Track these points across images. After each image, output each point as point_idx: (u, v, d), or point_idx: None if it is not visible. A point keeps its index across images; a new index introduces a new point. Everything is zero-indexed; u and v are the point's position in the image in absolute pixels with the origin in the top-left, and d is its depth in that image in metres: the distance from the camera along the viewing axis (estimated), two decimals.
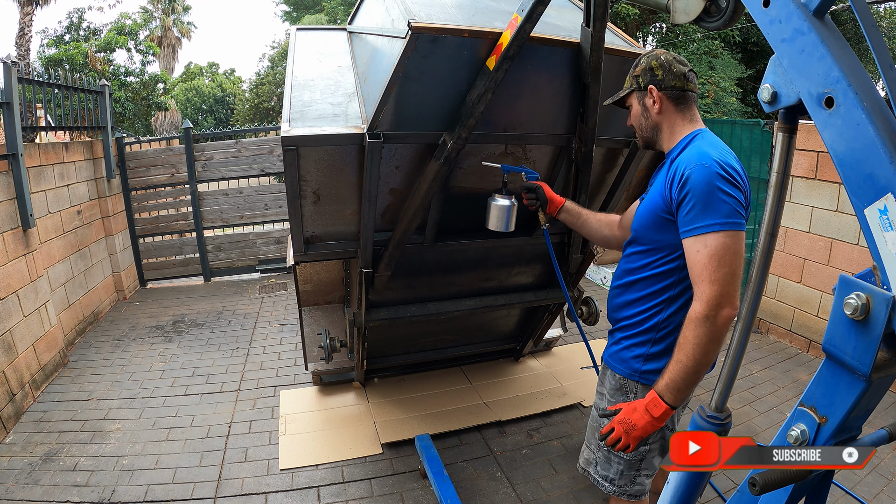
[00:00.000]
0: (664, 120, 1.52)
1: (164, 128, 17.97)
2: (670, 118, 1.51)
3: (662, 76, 1.48)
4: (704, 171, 1.32)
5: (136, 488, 2.56)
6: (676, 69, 1.48)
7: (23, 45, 13.51)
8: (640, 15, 10.80)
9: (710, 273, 1.29)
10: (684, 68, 1.49)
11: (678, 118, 1.51)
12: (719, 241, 1.30)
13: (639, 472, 1.60)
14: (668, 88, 1.49)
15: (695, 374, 1.32)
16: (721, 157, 1.35)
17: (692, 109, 1.51)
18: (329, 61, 2.51)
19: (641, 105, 1.55)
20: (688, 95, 1.50)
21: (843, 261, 3.59)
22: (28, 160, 3.82)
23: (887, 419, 2.95)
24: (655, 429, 1.38)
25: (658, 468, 1.64)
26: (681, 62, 1.50)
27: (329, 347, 2.89)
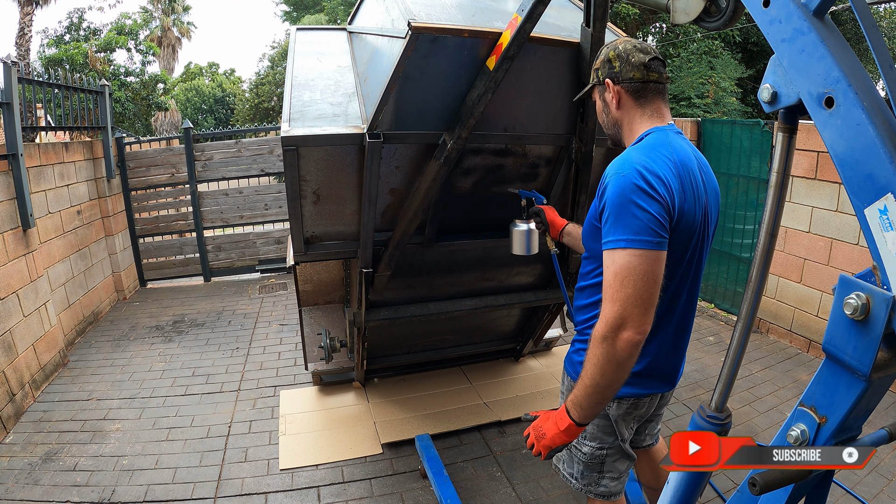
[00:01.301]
0: (624, 116, 1.40)
1: (164, 128, 17.98)
2: (629, 113, 1.39)
3: (620, 67, 1.35)
4: (621, 180, 1.21)
5: (136, 488, 2.56)
6: (635, 59, 1.34)
7: (23, 45, 13.51)
8: (640, 15, 10.81)
9: (613, 292, 1.18)
10: (645, 56, 1.34)
11: (637, 113, 1.38)
12: (624, 259, 1.18)
13: (601, 473, 1.58)
14: (625, 81, 1.35)
15: (595, 394, 1.22)
16: (647, 165, 1.22)
17: (654, 103, 1.37)
18: (329, 61, 2.51)
19: (602, 100, 1.44)
20: (649, 87, 1.35)
21: (843, 261, 3.59)
22: (28, 160, 3.82)
23: (887, 419, 2.95)
24: (563, 441, 1.30)
25: (623, 472, 1.60)
26: (642, 50, 1.35)
27: (329, 347, 2.89)
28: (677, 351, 1.49)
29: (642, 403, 1.52)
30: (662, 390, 1.52)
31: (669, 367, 1.50)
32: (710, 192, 1.38)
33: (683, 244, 1.31)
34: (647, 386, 1.48)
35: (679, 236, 1.28)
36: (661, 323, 1.38)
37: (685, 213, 1.26)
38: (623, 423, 1.54)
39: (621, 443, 1.56)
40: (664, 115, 1.38)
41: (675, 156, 1.28)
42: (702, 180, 1.34)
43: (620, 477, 1.61)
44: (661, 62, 1.37)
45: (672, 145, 1.30)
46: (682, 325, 1.45)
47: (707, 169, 1.40)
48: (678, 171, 1.26)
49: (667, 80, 1.39)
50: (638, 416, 1.56)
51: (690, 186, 1.28)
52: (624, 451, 1.58)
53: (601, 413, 1.49)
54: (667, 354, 1.46)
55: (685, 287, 1.40)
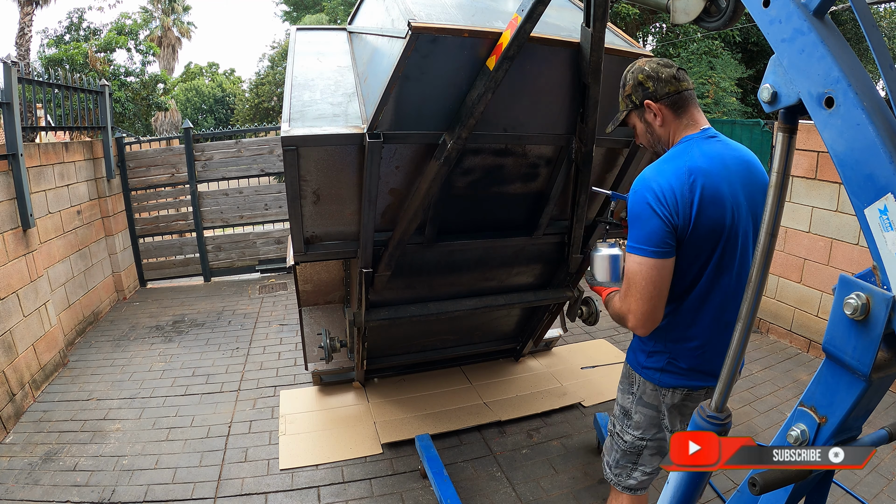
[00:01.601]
0: (667, 131, 1.49)
1: (164, 128, 17.98)
2: (670, 127, 1.48)
3: (654, 87, 1.44)
4: (633, 196, 1.40)
5: (136, 488, 2.56)
6: (665, 74, 1.44)
7: (23, 45, 13.51)
8: (640, 15, 10.81)
9: (625, 288, 1.42)
10: (672, 70, 1.45)
11: (675, 125, 1.47)
12: (630, 262, 1.39)
13: (635, 465, 1.64)
14: (664, 97, 1.44)
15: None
16: (654, 181, 1.36)
17: (689, 111, 1.46)
18: (329, 61, 2.51)
19: (643, 122, 1.51)
20: (684, 96, 1.45)
21: (843, 261, 3.58)
22: (28, 160, 3.82)
23: (887, 419, 2.95)
24: None
25: (655, 469, 1.65)
26: (666, 65, 1.46)
27: (329, 347, 2.89)
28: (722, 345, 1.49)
29: (697, 397, 1.55)
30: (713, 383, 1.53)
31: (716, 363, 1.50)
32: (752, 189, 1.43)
33: (704, 245, 1.39)
34: (698, 379, 1.52)
35: (697, 239, 1.37)
36: (698, 319, 1.47)
37: (700, 217, 1.35)
38: (674, 417, 1.57)
39: (667, 433, 1.59)
40: (698, 121, 1.46)
41: (693, 165, 1.36)
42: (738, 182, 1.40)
43: (651, 473, 1.66)
44: (684, 72, 1.48)
45: (692, 155, 1.38)
46: (726, 318, 1.46)
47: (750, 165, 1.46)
48: (692, 180, 1.35)
49: (693, 86, 1.49)
50: (691, 411, 1.57)
51: (711, 193, 1.35)
52: (662, 447, 1.63)
53: (651, 404, 1.58)
54: (713, 348, 1.49)
55: (721, 283, 1.44)
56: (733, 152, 1.45)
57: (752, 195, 1.44)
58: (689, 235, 1.36)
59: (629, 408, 1.64)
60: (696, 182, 1.34)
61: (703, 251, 1.39)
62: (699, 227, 1.35)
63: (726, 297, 1.46)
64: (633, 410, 1.62)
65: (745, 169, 1.44)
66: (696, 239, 1.37)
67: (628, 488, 1.66)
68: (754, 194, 1.44)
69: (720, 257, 1.41)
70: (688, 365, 1.51)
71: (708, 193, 1.35)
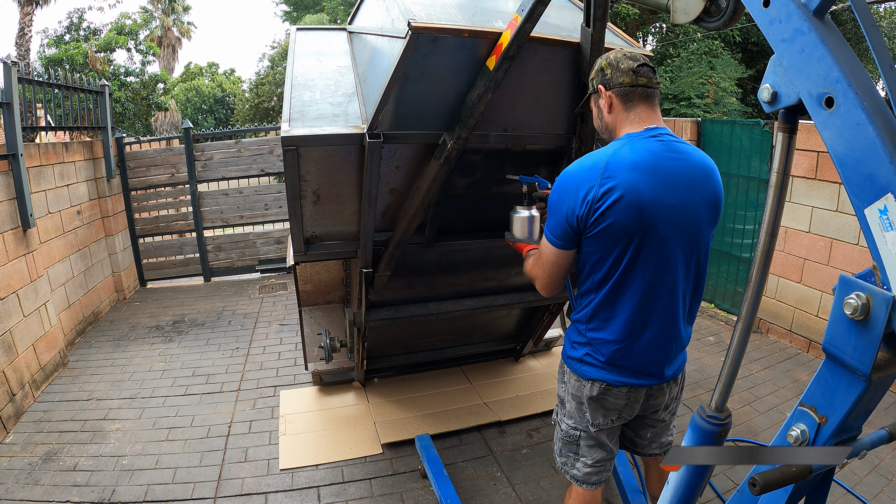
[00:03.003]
0: (613, 120, 1.49)
1: (164, 128, 17.98)
2: (618, 118, 1.48)
3: (610, 75, 1.45)
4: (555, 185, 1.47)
5: (136, 488, 2.56)
6: (624, 65, 1.43)
7: (23, 45, 13.51)
8: (640, 15, 10.81)
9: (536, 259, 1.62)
10: (633, 63, 1.43)
11: (622, 118, 1.47)
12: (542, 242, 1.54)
13: (576, 455, 1.66)
14: (615, 86, 1.44)
15: None
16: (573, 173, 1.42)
17: (638, 108, 1.44)
18: (329, 61, 2.51)
19: (597, 107, 1.53)
20: (637, 91, 1.43)
21: (843, 261, 3.58)
22: (28, 160, 3.82)
23: (887, 419, 2.95)
24: None
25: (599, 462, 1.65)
26: (631, 58, 1.44)
27: (329, 347, 2.89)
28: (650, 346, 1.49)
29: (618, 393, 1.53)
30: (637, 382, 1.52)
31: (643, 361, 1.50)
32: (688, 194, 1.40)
33: (615, 242, 1.39)
34: (618, 374, 1.51)
35: (607, 236, 1.38)
36: (616, 313, 1.47)
37: (609, 214, 1.36)
38: (596, 410, 1.57)
39: (591, 428, 1.60)
40: (645, 119, 1.45)
41: (614, 160, 1.36)
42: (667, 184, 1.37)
43: (596, 466, 1.65)
44: (650, 69, 1.45)
45: (617, 154, 1.38)
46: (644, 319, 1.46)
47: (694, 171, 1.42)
48: (607, 175, 1.35)
49: (655, 86, 1.46)
50: (616, 407, 1.56)
51: (627, 189, 1.34)
52: (598, 439, 1.63)
53: (575, 395, 1.60)
54: (635, 346, 1.48)
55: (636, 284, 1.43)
56: (676, 155, 1.40)
57: (690, 203, 1.40)
58: (596, 231, 1.38)
59: (563, 396, 1.67)
60: (611, 180, 1.34)
61: (614, 248, 1.39)
62: (608, 225, 1.36)
63: (643, 298, 1.44)
64: (566, 399, 1.65)
65: (687, 175, 1.40)
66: (606, 235, 1.38)
67: (575, 479, 1.67)
68: (693, 202, 1.41)
69: (633, 257, 1.40)
70: (605, 359, 1.51)
71: (622, 192, 1.33)
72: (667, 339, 1.50)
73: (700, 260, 1.49)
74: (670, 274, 1.43)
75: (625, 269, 1.42)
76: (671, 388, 1.61)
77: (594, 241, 1.41)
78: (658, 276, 1.43)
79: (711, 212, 1.46)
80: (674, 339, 1.52)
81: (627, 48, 1.50)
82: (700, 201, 1.43)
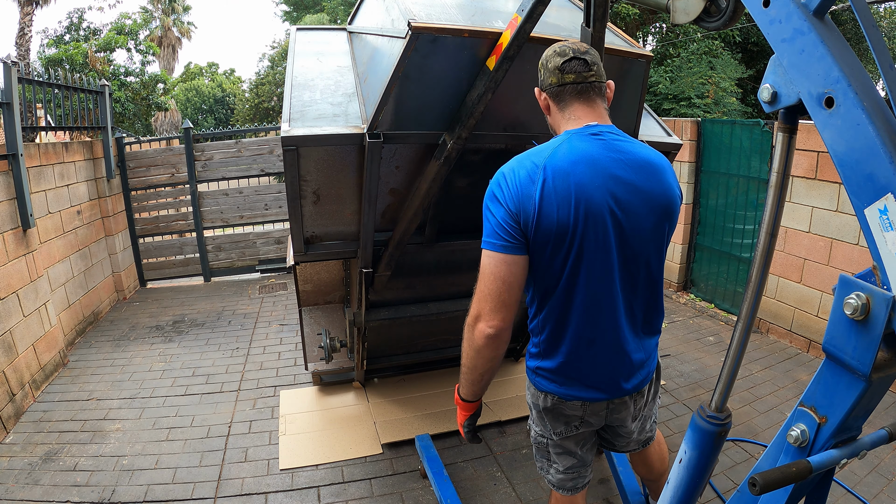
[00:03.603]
0: (554, 122, 1.41)
1: (164, 128, 17.97)
2: (556, 119, 1.39)
3: (543, 75, 1.38)
4: (488, 187, 1.32)
5: (136, 488, 2.56)
6: (551, 64, 1.34)
7: (23, 45, 13.51)
8: (640, 15, 10.81)
9: (477, 287, 1.32)
10: (560, 59, 1.32)
11: (559, 118, 1.38)
12: (482, 258, 1.30)
13: (549, 461, 1.60)
14: (546, 87, 1.37)
15: (467, 374, 1.41)
16: (508, 170, 1.29)
17: (572, 105, 1.34)
18: (329, 61, 2.51)
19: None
20: (566, 90, 1.33)
21: (843, 261, 3.58)
22: (28, 160, 3.82)
23: (887, 419, 2.95)
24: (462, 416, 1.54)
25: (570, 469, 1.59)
26: (560, 53, 1.33)
27: (329, 347, 2.89)
28: (598, 360, 1.40)
29: (572, 406, 1.45)
30: (591, 396, 1.44)
31: (594, 374, 1.42)
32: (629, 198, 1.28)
33: (553, 246, 1.27)
34: (569, 387, 1.43)
35: (542, 238, 1.26)
36: (563, 325, 1.37)
37: (545, 218, 1.24)
38: (555, 420, 1.51)
39: (554, 436, 1.54)
40: (582, 116, 1.34)
41: (551, 162, 1.25)
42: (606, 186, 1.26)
43: (569, 473, 1.59)
44: (580, 62, 1.32)
45: (555, 151, 1.27)
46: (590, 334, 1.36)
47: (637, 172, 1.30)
48: (544, 177, 1.24)
49: (588, 80, 1.33)
50: (574, 419, 1.49)
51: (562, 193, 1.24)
52: (564, 447, 1.56)
53: (535, 405, 1.53)
54: (584, 360, 1.39)
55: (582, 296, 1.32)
56: (617, 154, 1.28)
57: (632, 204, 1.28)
58: (532, 236, 1.26)
59: (529, 403, 1.58)
60: (547, 178, 1.24)
61: (551, 256, 1.28)
62: (541, 229, 1.24)
63: (586, 311, 1.33)
64: (531, 407, 1.57)
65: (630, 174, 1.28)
66: (540, 241, 1.26)
67: (552, 484, 1.63)
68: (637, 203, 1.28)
69: (574, 267, 1.29)
70: (555, 371, 1.43)
71: (553, 194, 1.23)
72: (616, 353, 1.40)
73: (651, 268, 1.36)
74: (613, 285, 1.32)
75: (567, 280, 1.31)
76: (636, 400, 1.51)
77: (535, 247, 1.28)
78: (600, 286, 1.32)
79: (660, 215, 1.32)
80: (626, 354, 1.40)
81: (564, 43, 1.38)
82: (645, 204, 1.30)
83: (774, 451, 1.04)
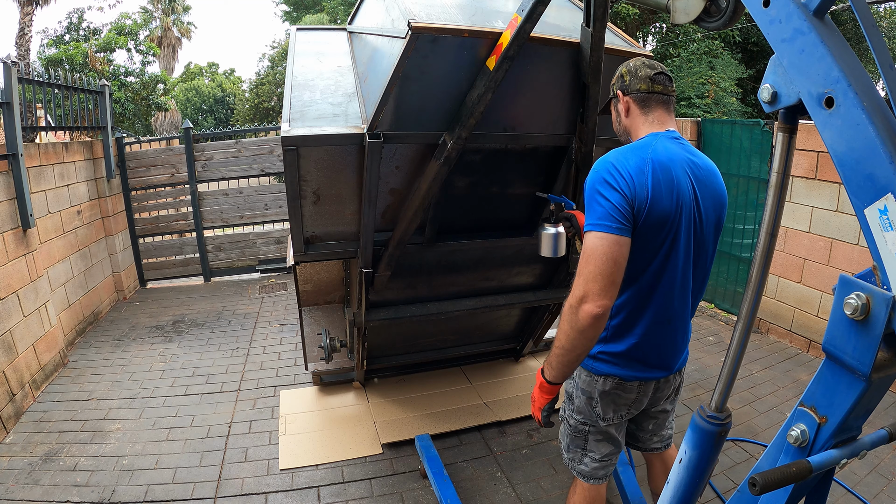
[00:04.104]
0: (631, 123, 1.57)
1: (164, 128, 17.97)
2: (635, 121, 1.55)
3: (629, 81, 1.54)
4: (592, 174, 1.41)
5: (136, 488, 2.56)
6: (642, 73, 1.53)
7: (23, 45, 13.51)
8: (640, 15, 10.81)
9: (581, 268, 1.36)
10: (650, 71, 1.52)
11: (641, 121, 1.54)
12: (589, 240, 1.36)
13: (584, 450, 1.70)
14: (633, 92, 1.53)
15: (562, 356, 1.42)
16: (616, 160, 1.39)
17: (656, 112, 1.53)
18: (329, 61, 2.51)
19: (616, 110, 1.61)
20: (653, 98, 1.52)
21: (843, 261, 3.58)
22: (28, 160, 3.82)
23: (887, 419, 2.95)
24: (543, 399, 1.52)
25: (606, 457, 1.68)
26: (650, 66, 1.53)
27: (329, 347, 2.89)
28: (666, 340, 1.55)
29: (629, 387, 1.58)
30: (649, 375, 1.57)
31: (657, 354, 1.56)
32: (703, 194, 1.47)
33: (654, 235, 1.41)
34: (633, 368, 1.55)
35: (648, 227, 1.39)
36: (643, 307, 1.50)
37: (655, 205, 1.38)
38: (607, 404, 1.61)
39: (601, 422, 1.64)
40: (664, 122, 1.53)
41: (655, 156, 1.41)
42: (690, 182, 1.45)
43: (604, 461, 1.69)
44: (667, 77, 1.54)
45: (655, 148, 1.43)
46: (668, 314, 1.51)
47: (706, 173, 1.50)
48: (652, 168, 1.38)
49: (671, 93, 1.55)
50: (627, 401, 1.61)
51: (667, 184, 1.39)
52: (607, 433, 1.67)
53: (585, 390, 1.63)
54: (654, 340, 1.53)
55: (668, 278, 1.47)
56: (692, 157, 1.49)
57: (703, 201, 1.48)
58: (641, 221, 1.38)
59: (571, 392, 1.70)
60: (655, 170, 1.38)
61: (651, 241, 1.42)
62: (651, 215, 1.38)
63: (670, 292, 1.49)
64: (574, 395, 1.68)
65: (700, 176, 1.48)
66: (647, 227, 1.39)
67: (581, 474, 1.72)
68: (706, 201, 1.48)
69: (668, 250, 1.44)
70: (622, 355, 1.55)
71: (661, 184, 1.39)
72: (681, 332, 1.58)
73: (709, 258, 1.57)
74: (689, 268, 1.50)
75: (659, 263, 1.45)
76: (675, 378, 1.68)
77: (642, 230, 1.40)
78: (681, 269, 1.48)
79: (718, 210, 1.53)
80: (685, 332, 1.61)
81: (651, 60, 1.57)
82: (712, 203, 1.51)
83: (774, 451, 1.04)
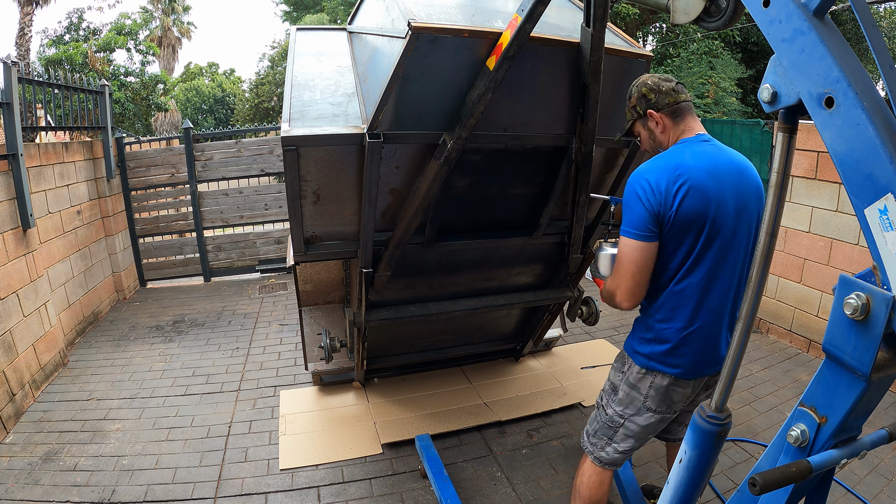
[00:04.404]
0: (667, 137, 1.67)
1: (164, 128, 17.96)
2: (669, 133, 1.66)
3: (656, 98, 1.64)
4: (627, 186, 1.59)
5: (136, 488, 2.56)
6: (665, 87, 1.63)
7: (23, 45, 13.51)
8: (640, 15, 10.81)
9: (616, 266, 1.60)
10: (671, 83, 1.64)
11: (673, 131, 1.66)
12: (621, 244, 1.58)
13: (610, 440, 1.79)
14: (664, 107, 1.63)
15: None
16: (644, 174, 1.55)
17: (685, 119, 1.64)
18: (329, 61, 2.51)
19: (647, 130, 1.70)
20: (682, 107, 1.64)
21: (843, 261, 3.58)
22: (28, 160, 3.82)
23: (887, 419, 2.95)
24: None
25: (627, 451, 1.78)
26: (666, 79, 1.65)
27: (329, 347, 2.89)
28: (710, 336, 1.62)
29: (685, 384, 1.66)
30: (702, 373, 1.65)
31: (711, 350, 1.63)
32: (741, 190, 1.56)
33: (687, 235, 1.53)
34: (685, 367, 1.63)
35: (679, 228, 1.52)
36: (682, 307, 1.59)
37: (682, 207, 1.50)
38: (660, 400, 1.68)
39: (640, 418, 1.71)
40: (693, 127, 1.64)
41: (681, 161, 1.53)
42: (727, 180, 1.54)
43: (625, 454, 1.79)
44: (682, 86, 1.68)
45: (682, 152, 1.56)
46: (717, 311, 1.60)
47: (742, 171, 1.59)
48: (678, 173, 1.51)
49: (690, 100, 1.67)
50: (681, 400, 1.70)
51: (695, 184, 1.50)
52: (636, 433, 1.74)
53: (635, 386, 1.71)
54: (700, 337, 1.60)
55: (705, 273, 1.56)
56: (724, 155, 1.58)
57: (741, 195, 1.56)
58: (671, 224, 1.51)
59: (617, 384, 1.78)
60: (682, 176, 1.50)
61: (685, 240, 1.53)
62: (680, 217, 1.50)
63: (710, 287, 1.57)
64: (620, 388, 1.76)
65: (735, 171, 1.57)
66: (678, 228, 1.52)
67: (599, 459, 1.81)
68: (743, 195, 1.57)
69: (703, 248, 1.54)
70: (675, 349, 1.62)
71: (691, 187, 1.49)
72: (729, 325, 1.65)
73: (750, 248, 1.63)
74: (737, 263, 1.59)
75: (695, 264, 1.55)
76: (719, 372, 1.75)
77: (671, 233, 1.53)
78: (731, 265, 1.57)
79: (759, 201, 1.62)
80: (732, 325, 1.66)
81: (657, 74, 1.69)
82: (750, 193, 1.59)
83: (774, 451, 1.04)
